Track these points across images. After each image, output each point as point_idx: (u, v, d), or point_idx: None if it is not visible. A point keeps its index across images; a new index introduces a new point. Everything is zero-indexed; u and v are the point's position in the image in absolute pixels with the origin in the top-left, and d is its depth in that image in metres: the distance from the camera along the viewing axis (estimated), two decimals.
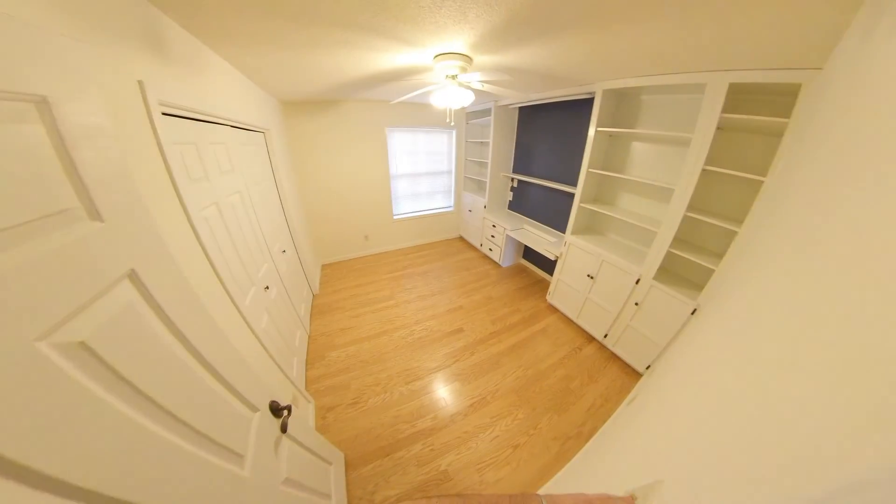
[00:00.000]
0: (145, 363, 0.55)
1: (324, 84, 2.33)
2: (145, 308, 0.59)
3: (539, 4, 1.03)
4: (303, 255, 2.78)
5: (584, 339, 2.80)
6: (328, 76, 2.06)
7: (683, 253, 2.03)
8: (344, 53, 1.54)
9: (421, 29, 1.23)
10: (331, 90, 2.62)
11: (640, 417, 1.30)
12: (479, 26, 1.22)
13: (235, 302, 1.28)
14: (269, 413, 0.99)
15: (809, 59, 1.28)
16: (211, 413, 0.70)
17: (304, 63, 1.70)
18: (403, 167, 4.20)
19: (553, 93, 2.74)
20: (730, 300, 1.19)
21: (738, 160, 1.80)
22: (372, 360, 2.36)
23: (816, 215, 0.67)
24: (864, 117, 0.62)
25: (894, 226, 0.35)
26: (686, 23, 1.13)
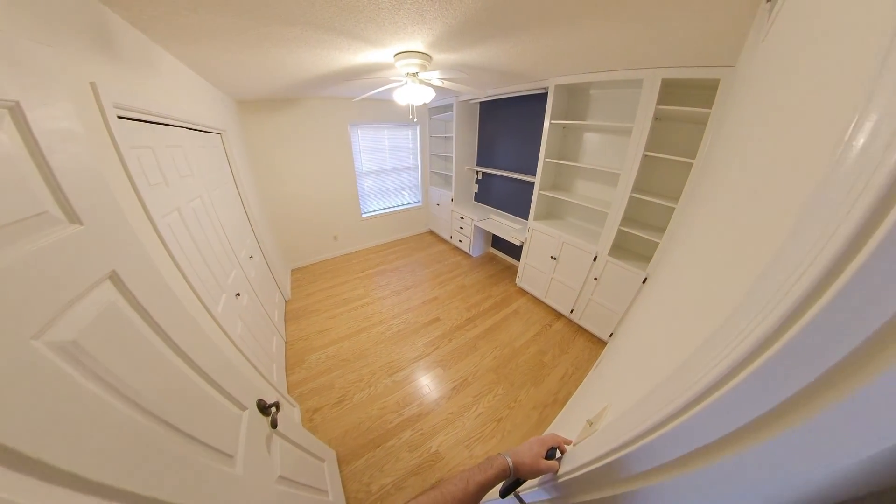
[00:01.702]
0: (132, 361, 0.56)
1: (282, 82, 2.25)
2: (127, 307, 0.59)
3: (490, 9, 1.11)
4: (270, 260, 2.68)
5: (553, 316, 3.01)
6: (287, 74, 2.01)
7: (632, 230, 2.27)
8: (303, 52, 1.52)
9: (381, 28, 1.27)
10: (290, 88, 2.53)
11: (600, 370, 1.48)
12: (437, 27, 1.28)
13: (209, 309, 1.25)
14: (257, 411, 1.00)
15: (725, 59, 1.51)
16: (200, 411, 0.71)
17: (261, 61, 1.65)
18: (369, 164, 4.16)
19: (510, 88, 2.87)
20: (666, 265, 1.38)
21: (672, 146, 2.04)
22: (353, 358, 2.36)
23: (718, 188, 0.83)
24: (743, 106, 0.78)
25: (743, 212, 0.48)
26: (622, 27, 1.28)
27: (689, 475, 0.36)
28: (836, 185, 0.23)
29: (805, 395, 0.24)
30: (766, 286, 0.28)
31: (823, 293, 0.22)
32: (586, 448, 0.58)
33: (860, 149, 0.21)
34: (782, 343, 0.24)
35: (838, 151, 0.23)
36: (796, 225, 0.27)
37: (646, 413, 0.42)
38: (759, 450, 0.28)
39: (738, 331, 0.29)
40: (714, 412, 0.31)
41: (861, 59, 0.28)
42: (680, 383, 0.37)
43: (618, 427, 0.50)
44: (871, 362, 0.21)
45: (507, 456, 0.61)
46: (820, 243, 0.22)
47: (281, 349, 2.31)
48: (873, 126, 0.21)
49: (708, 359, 0.33)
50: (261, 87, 2.40)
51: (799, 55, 0.50)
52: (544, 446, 0.65)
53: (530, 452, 0.63)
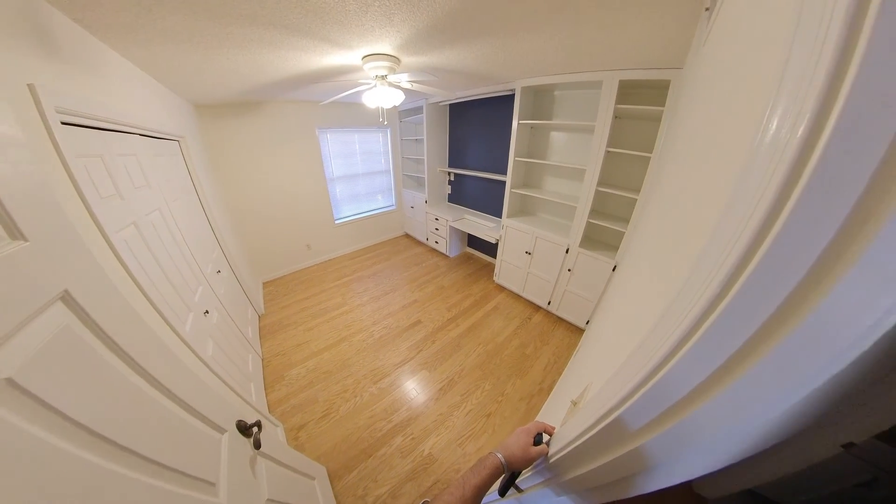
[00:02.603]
0: (92, 389, 0.50)
1: (245, 85, 2.14)
2: (84, 331, 0.54)
3: (456, 14, 1.13)
4: (240, 273, 2.54)
5: (532, 310, 3.09)
6: (249, 77, 1.91)
7: (600, 221, 2.39)
8: (266, 54, 1.46)
9: (348, 31, 1.25)
10: (253, 91, 2.41)
11: (580, 356, 1.54)
12: (405, 30, 1.28)
13: (176, 330, 1.16)
14: (237, 433, 0.94)
15: (674, 61, 1.65)
16: (172, 438, 0.65)
17: (220, 64, 1.56)
18: (340, 169, 4.05)
19: (478, 90, 2.93)
20: (631, 253, 1.48)
21: (631, 142, 2.18)
22: (335, 369, 2.29)
23: (672, 179, 0.90)
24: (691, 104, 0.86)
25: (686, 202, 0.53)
26: (578, 32, 1.36)
27: (669, 430, 0.40)
28: (756, 167, 0.27)
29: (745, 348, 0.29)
30: (706, 261, 0.32)
31: (747, 265, 0.26)
32: (573, 424, 0.61)
33: (772, 134, 0.25)
34: (725, 303, 0.28)
35: (756, 137, 0.27)
36: (727, 203, 0.31)
37: (622, 382, 0.45)
38: (722, 398, 0.33)
39: (690, 299, 0.32)
40: (678, 371, 0.35)
41: (773, 60, 0.32)
42: (647, 351, 0.40)
43: (600, 398, 0.53)
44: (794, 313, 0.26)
45: (497, 453, 0.63)
46: (741, 225, 0.26)
47: (258, 367, 2.18)
48: (780, 115, 0.25)
49: (665, 330, 0.37)
50: (221, 91, 2.27)
51: (728, 57, 0.56)
52: (530, 435, 0.67)
53: (518, 443, 0.65)
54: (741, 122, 0.39)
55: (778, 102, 0.25)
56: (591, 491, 0.64)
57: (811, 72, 0.21)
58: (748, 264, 0.26)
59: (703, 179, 0.53)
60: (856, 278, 0.22)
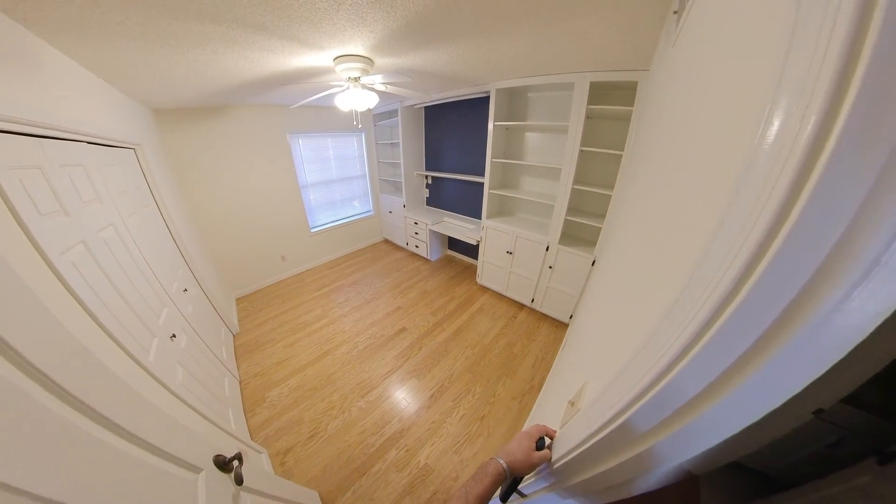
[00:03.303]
0: (36, 448, 0.42)
1: (208, 88, 2.00)
2: (22, 378, 0.44)
3: (431, 14, 1.12)
4: (210, 290, 2.36)
5: (516, 308, 3.12)
6: (213, 79, 1.79)
7: (577, 218, 2.46)
8: (230, 54, 1.37)
9: (318, 30, 1.19)
10: (217, 95, 2.26)
11: (567, 350, 1.56)
12: (379, 30, 1.25)
13: (138, 360, 1.05)
14: (216, 470, 0.86)
15: (641, 63, 1.72)
16: (136, 488, 0.56)
17: (178, 64, 1.45)
18: (314, 175, 3.89)
19: (454, 92, 2.93)
20: (610, 246, 1.52)
21: (604, 140, 2.25)
22: (320, 386, 2.18)
23: (644, 175, 0.93)
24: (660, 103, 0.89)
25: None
26: (550, 35, 1.38)
27: (680, 430, 0.40)
28: (759, 165, 0.26)
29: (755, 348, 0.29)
30: (710, 261, 0.32)
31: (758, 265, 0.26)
32: (577, 428, 0.60)
33: (776, 134, 0.25)
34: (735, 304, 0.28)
35: (756, 137, 0.27)
36: (729, 202, 0.30)
37: (628, 384, 0.44)
38: (732, 396, 0.33)
39: (697, 301, 0.32)
40: (689, 372, 0.35)
41: (768, 57, 0.31)
42: (654, 352, 0.40)
43: (605, 401, 0.52)
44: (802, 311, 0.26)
45: (498, 459, 0.61)
46: (749, 224, 0.26)
47: (235, 391, 2.04)
48: (783, 113, 0.24)
49: (671, 331, 0.36)
50: (182, 95, 2.11)
51: (707, 56, 0.57)
52: (532, 438, 0.65)
53: (520, 448, 0.63)
54: (730, 121, 0.39)
55: (779, 100, 0.25)
56: (598, 493, 0.63)
57: (818, 66, 0.21)
58: (759, 264, 0.25)
59: (686, 176, 0.54)
60: (860, 274, 0.22)
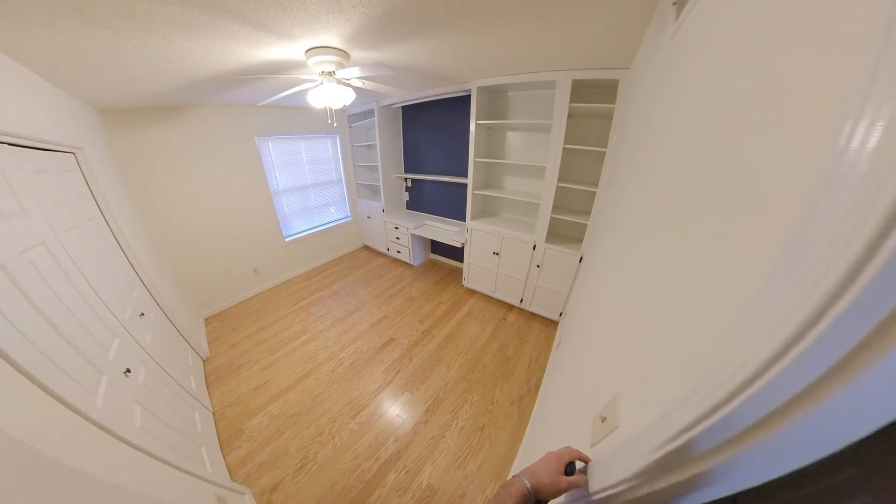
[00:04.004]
0: None
1: (163, 84, 1.78)
2: None
3: (413, 3, 1.03)
4: (173, 312, 2.12)
5: (506, 309, 3.08)
6: (168, 73, 1.59)
7: (563, 216, 2.46)
8: (185, 41, 1.20)
9: (289, 16, 1.07)
10: (175, 92, 2.02)
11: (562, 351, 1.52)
12: (356, 18, 1.14)
13: (78, 409, 0.88)
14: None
15: (622, 62, 1.73)
16: None
17: (126, 54, 1.25)
18: (286, 181, 3.65)
19: (433, 91, 2.84)
20: (603, 242, 1.50)
21: (587, 138, 2.25)
22: (305, 410, 2.01)
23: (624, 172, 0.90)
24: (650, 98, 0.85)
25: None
26: (536, 28, 1.34)
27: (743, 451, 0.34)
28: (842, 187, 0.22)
29: None
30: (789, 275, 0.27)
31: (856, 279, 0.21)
32: (625, 457, 0.52)
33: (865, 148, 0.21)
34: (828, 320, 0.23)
35: (838, 150, 0.23)
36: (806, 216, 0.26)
37: (690, 403, 0.38)
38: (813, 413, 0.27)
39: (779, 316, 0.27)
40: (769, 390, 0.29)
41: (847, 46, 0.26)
42: (722, 369, 0.34)
43: (661, 426, 0.45)
44: None
45: (523, 478, 0.55)
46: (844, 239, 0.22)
47: (209, 425, 1.82)
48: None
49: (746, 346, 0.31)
50: (133, 92, 1.87)
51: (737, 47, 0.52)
52: (562, 461, 0.59)
53: (548, 469, 0.57)
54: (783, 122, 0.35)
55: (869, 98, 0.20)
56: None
57: None
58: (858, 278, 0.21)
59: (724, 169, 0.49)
60: None
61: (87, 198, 1.65)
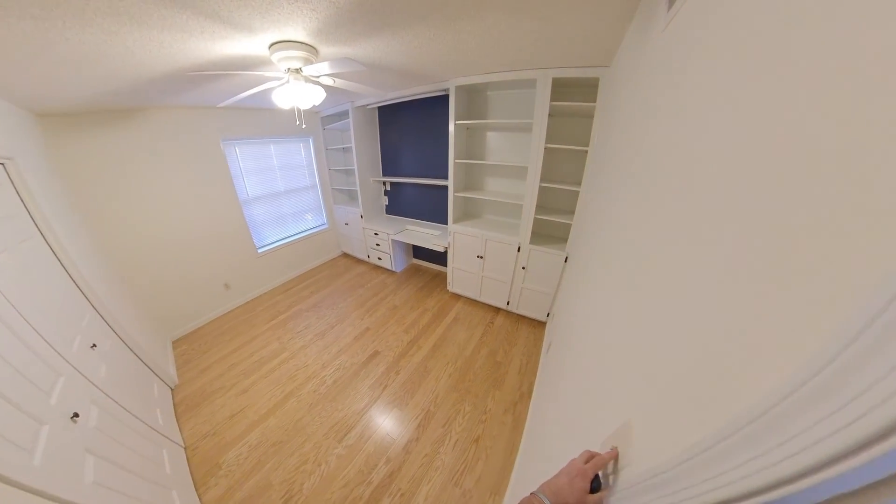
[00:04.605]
0: None
1: (109, 84, 1.59)
2: None
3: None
4: (132, 338, 1.91)
5: (493, 313, 3.05)
6: (112, 71, 1.41)
7: (546, 216, 2.44)
8: (128, 34, 1.06)
9: (245, 5, 0.97)
10: (125, 93, 1.82)
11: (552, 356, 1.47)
12: (322, 9, 1.05)
13: (5, 475, 0.74)
14: None
15: (602, 60, 1.72)
16: None
17: (57, 49, 1.09)
18: (257, 188, 3.43)
19: (410, 90, 2.76)
20: (587, 239, 1.47)
21: (569, 137, 2.25)
22: (287, 437, 1.87)
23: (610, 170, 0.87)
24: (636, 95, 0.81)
25: None
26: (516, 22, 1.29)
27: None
28: None
29: None
30: None
31: None
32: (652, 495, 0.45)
33: None
34: None
35: None
36: None
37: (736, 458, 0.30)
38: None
39: None
40: None
41: None
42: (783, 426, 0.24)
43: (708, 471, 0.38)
44: None
45: (542, 496, 0.49)
46: None
47: (180, 463, 1.65)
48: None
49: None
50: (73, 93, 1.66)
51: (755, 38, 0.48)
52: (586, 478, 0.52)
53: (572, 490, 0.50)
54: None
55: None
56: None
57: None
58: None
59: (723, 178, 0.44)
60: None
61: (21, 215, 1.45)
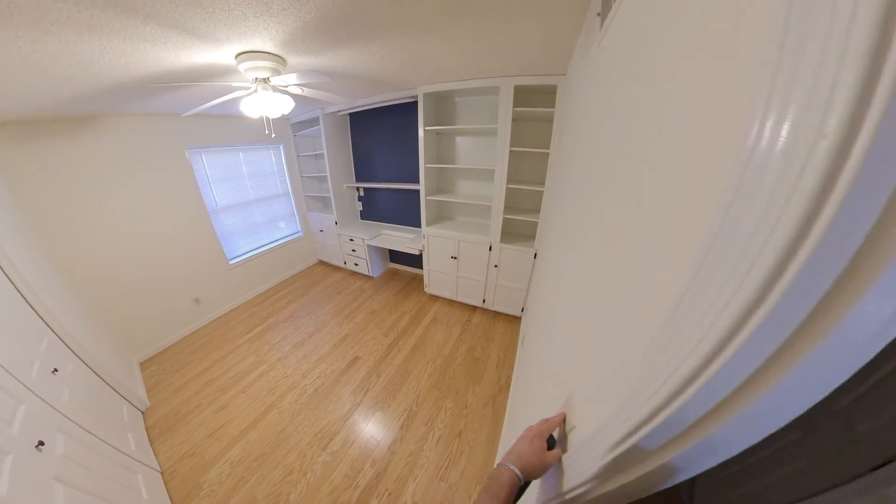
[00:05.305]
0: None
1: (63, 91, 1.52)
2: None
3: (349, 7, 1.01)
4: (97, 361, 1.81)
5: (470, 312, 3.15)
6: (69, 80, 1.36)
7: (514, 216, 2.57)
8: (89, 44, 1.04)
9: (211, 17, 0.98)
10: (83, 100, 1.73)
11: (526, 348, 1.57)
12: (289, 22, 1.09)
13: None
14: None
15: (559, 68, 1.85)
16: None
17: (11, 56, 1.05)
18: (226, 197, 3.31)
19: (380, 97, 2.80)
20: (550, 240, 1.60)
21: (532, 140, 2.38)
22: (270, 450, 1.86)
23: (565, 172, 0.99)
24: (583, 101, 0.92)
25: None
26: (476, 36, 1.38)
27: (693, 445, 0.37)
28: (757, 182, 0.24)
29: None
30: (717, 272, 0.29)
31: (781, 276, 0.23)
32: (583, 459, 0.55)
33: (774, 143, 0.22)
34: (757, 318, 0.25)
35: (748, 147, 0.25)
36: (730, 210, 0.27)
37: (636, 404, 0.40)
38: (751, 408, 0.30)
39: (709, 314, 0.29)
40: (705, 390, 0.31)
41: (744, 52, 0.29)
42: (663, 368, 0.35)
43: (612, 426, 0.47)
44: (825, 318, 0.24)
45: (509, 465, 0.55)
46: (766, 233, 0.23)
47: (157, 487, 1.60)
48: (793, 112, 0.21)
49: (681, 346, 0.32)
50: (24, 101, 1.57)
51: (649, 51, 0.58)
52: (543, 438, 0.60)
53: (532, 450, 0.58)
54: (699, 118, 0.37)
55: (773, 98, 0.22)
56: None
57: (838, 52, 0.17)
58: (782, 275, 0.23)
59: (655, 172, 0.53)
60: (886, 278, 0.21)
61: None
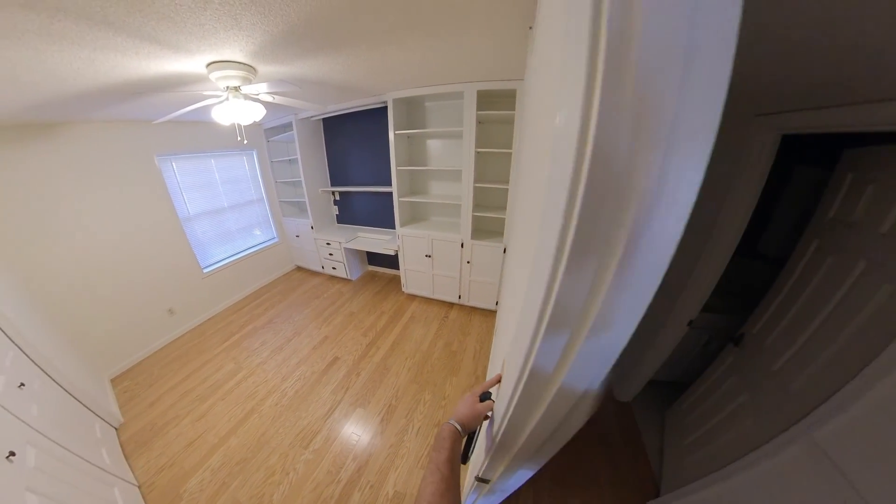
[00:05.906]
0: None
1: (26, 99, 1.49)
2: None
3: (314, 22, 1.07)
4: (65, 377, 1.76)
5: (446, 308, 3.25)
6: (34, 86, 1.34)
7: (483, 213, 2.70)
8: (58, 52, 1.05)
9: (182, 31, 1.02)
10: (50, 106, 1.68)
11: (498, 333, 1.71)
12: (257, 35, 1.14)
13: None
14: None
15: (518, 74, 1.97)
16: None
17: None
18: (198, 205, 3.24)
19: (351, 103, 2.85)
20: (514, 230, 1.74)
21: (495, 141, 2.50)
22: (251, 454, 1.89)
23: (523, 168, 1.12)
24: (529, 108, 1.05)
25: None
26: (434, 48, 1.48)
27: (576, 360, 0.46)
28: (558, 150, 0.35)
29: None
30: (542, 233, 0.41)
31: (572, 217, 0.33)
32: (503, 394, 0.67)
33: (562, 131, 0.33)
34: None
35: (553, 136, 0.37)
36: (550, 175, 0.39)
37: (522, 342, 0.51)
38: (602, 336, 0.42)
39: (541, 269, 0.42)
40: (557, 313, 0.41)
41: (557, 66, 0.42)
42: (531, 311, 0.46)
43: (513, 362, 0.59)
44: None
45: (450, 421, 0.66)
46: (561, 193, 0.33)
47: (135, 501, 1.61)
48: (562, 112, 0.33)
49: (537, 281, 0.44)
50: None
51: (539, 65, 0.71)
52: (475, 395, 0.73)
53: (465, 404, 0.70)
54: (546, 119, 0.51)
55: (561, 101, 0.34)
56: (541, 450, 0.72)
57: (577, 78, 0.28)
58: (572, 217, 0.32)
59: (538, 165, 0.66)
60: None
61: None
